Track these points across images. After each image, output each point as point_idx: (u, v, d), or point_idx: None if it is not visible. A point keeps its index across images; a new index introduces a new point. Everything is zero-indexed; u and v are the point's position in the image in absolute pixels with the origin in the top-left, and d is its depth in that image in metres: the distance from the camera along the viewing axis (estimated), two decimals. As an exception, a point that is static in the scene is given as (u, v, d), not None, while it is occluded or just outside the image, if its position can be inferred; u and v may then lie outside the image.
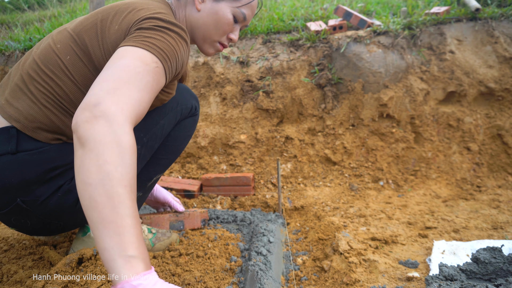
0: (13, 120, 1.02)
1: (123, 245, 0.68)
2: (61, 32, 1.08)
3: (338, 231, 1.49)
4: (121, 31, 1.01)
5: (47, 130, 1.04)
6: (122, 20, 1.02)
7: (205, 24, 1.17)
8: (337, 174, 2.29)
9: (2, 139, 1.02)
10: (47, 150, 1.05)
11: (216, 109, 2.44)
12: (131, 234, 0.70)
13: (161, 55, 0.94)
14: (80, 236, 1.27)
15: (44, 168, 1.04)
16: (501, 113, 2.36)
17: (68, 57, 1.03)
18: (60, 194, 1.07)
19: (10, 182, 1.01)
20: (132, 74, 0.86)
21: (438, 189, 2.20)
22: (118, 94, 0.82)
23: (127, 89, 0.85)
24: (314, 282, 1.27)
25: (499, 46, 2.38)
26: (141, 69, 0.89)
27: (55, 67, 1.03)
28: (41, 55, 1.06)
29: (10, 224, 1.13)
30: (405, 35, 2.44)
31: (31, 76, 1.04)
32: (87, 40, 1.03)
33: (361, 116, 2.36)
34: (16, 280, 1.17)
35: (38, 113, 1.03)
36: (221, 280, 1.21)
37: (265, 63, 2.48)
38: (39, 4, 5.72)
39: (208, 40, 1.20)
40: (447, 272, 1.11)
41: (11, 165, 1.01)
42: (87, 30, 1.04)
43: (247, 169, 2.30)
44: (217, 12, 1.15)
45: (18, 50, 3.09)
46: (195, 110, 1.38)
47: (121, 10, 1.05)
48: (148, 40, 0.93)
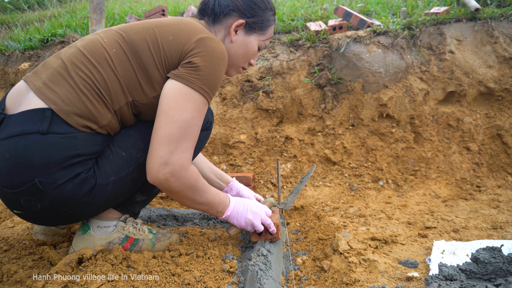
0: (50, 102, 1.08)
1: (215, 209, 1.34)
2: (107, 30, 1.22)
3: (338, 231, 1.49)
4: (176, 44, 1.17)
5: (80, 115, 1.11)
6: (177, 33, 1.18)
7: (236, 54, 1.34)
8: (337, 174, 2.30)
9: (36, 119, 1.07)
10: (75, 137, 1.10)
11: (216, 109, 2.44)
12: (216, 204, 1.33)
13: (209, 95, 1.18)
14: (81, 234, 1.28)
15: (68, 153, 1.08)
16: (500, 113, 2.36)
17: (114, 50, 1.16)
18: (77, 181, 1.11)
19: (32, 160, 1.05)
20: (189, 129, 1.15)
21: (437, 189, 2.20)
22: (180, 150, 1.14)
23: (186, 142, 1.15)
24: (314, 282, 1.27)
25: (498, 46, 2.39)
26: (197, 120, 1.16)
27: (100, 57, 1.14)
28: (87, 46, 1.17)
29: (17, 206, 1.12)
30: (404, 35, 2.44)
31: (74, 64, 1.13)
32: (138, 41, 1.17)
33: (361, 116, 2.36)
34: (16, 280, 1.17)
35: (76, 97, 1.10)
36: (221, 280, 1.21)
37: (265, 63, 2.48)
38: (39, 4, 5.72)
39: (235, 66, 1.38)
40: (446, 272, 1.11)
41: (39, 144, 1.05)
42: (138, 33, 1.18)
43: (247, 169, 2.30)
44: (247, 44, 1.34)
45: (18, 50, 3.09)
46: (209, 125, 1.44)
47: (175, 23, 1.21)
48: (203, 80, 1.15)
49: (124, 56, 1.16)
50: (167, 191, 1.19)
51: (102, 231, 1.28)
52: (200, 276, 1.20)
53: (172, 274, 1.21)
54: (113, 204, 1.26)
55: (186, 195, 1.21)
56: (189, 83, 1.13)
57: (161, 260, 1.29)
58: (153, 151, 1.13)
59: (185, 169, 1.16)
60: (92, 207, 1.19)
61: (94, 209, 1.21)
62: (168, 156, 1.12)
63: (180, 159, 1.13)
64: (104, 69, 1.13)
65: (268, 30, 1.37)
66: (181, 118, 1.12)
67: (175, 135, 1.12)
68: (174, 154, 1.12)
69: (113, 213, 1.31)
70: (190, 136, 1.15)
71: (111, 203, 1.25)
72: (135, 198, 1.34)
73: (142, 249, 1.35)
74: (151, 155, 1.14)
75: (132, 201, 1.34)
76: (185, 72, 1.14)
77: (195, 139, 1.19)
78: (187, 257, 1.34)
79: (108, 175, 1.16)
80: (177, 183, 1.15)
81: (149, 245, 1.36)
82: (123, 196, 1.26)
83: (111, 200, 1.23)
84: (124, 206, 1.33)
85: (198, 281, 1.18)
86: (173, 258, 1.33)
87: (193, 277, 1.19)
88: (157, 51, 1.16)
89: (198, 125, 1.18)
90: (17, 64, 3.02)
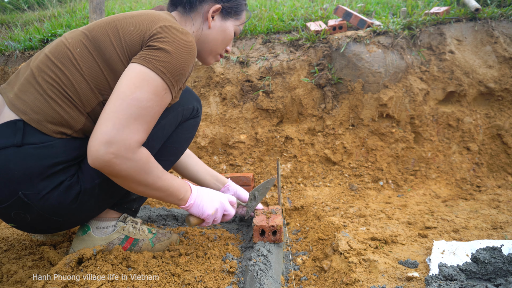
0: (20, 112, 1.06)
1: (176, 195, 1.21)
2: (73, 31, 1.18)
3: (338, 231, 1.49)
4: (137, 33, 1.11)
5: (52, 122, 1.07)
6: (139, 23, 1.12)
7: (215, 39, 1.32)
8: (337, 174, 2.30)
9: (9, 132, 1.05)
10: (51, 145, 1.07)
11: (216, 109, 2.44)
12: (174, 190, 1.19)
13: (171, 81, 1.08)
14: (80, 235, 1.27)
15: (47, 162, 1.06)
16: (500, 113, 2.36)
17: (78, 49, 1.11)
18: (61, 189, 1.09)
19: (13, 174, 1.03)
20: (142, 110, 1.02)
21: (437, 189, 2.20)
22: (129, 130, 1.00)
23: (137, 124, 1.02)
24: (314, 282, 1.27)
25: (498, 46, 2.39)
26: (152, 103, 1.04)
27: (64, 58, 1.10)
28: (52, 50, 1.13)
29: (9, 220, 1.13)
30: (404, 35, 2.44)
31: (40, 69, 1.10)
32: (100, 36, 1.11)
33: (361, 116, 2.36)
34: (16, 280, 1.17)
35: (44, 104, 1.07)
36: (221, 280, 1.21)
37: (265, 63, 2.48)
38: (39, 4, 5.72)
39: (214, 52, 1.35)
40: (446, 272, 1.11)
41: (16, 158, 1.03)
42: (100, 28, 1.13)
43: (247, 169, 2.30)
44: (225, 29, 1.32)
45: (18, 50, 3.09)
46: (196, 112, 1.41)
47: (137, 15, 1.16)
48: (162, 63, 1.06)
49: (88, 55, 1.10)
50: (113, 176, 1.04)
51: (102, 232, 1.28)
52: (200, 276, 1.20)
53: (172, 274, 1.21)
54: (105, 206, 1.25)
55: (137, 179, 1.06)
56: (145, 63, 1.04)
57: (161, 260, 1.29)
58: (97, 128, 0.99)
59: (132, 151, 1.01)
60: (83, 212, 1.18)
61: (86, 213, 1.21)
62: (112, 134, 0.97)
63: (126, 139, 0.99)
64: (70, 71, 1.08)
65: (242, 15, 1.37)
66: (132, 95, 1.01)
67: (124, 112, 0.99)
68: (120, 132, 0.98)
69: (111, 213, 1.30)
70: (143, 118, 1.02)
71: (104, 205, 1.24)
72: (130, 196, 1.33)
73: (142, 249, 1.35)
74: (93, 133, 0.99)
75: (128, 199, 1.33)
76: (144, 53, 1.07)
77: (149, 124, 1.06)
78: (187, 257, 1.34)
79: (93, 178, 1.13)
80: (123, 165, 1.00)
81: (149, 245, 1.36)
82: (113, 196, 1.24)
83: (102, 203, 1.21)
84: (121, 205, 1.32)
85: (198, 281, 1.18)
86: (173, 258, 1.33)
87: (193, 277, 1.19)
88: (119, 43, 1.10)
89: (156, 111, 1.05)
90: (17, 64, 3.02)
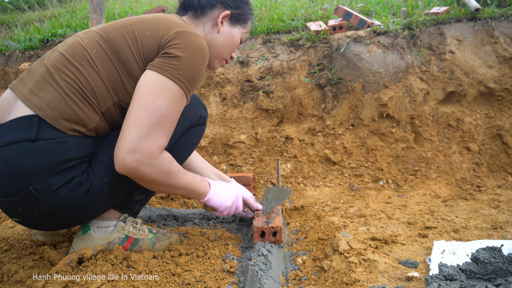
0: (36, 108, 1.08)
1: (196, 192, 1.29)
2: (87, 32, 1.20)
3: (338, 231, 1.49)
4: (154, 38, 1.15)
5: (67, 119, 1.10)
6: (155, 28, 1.16)
7: (222, 44, 1.36)
8: (337, 174, 2.30)
9: (23, 127, 1.07)
10: (65, 141, 1.09)
11: (216, 109, 2.44)
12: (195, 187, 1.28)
13: (187, 87, 1.14)
14: (81, 235, 1.28)
15: (59, 158, 1.08)
16: (501, 113, 2.36)
17: (95, 50, 1.14)
18: (72, 186, 1.11)
19: (25, 168, 1.05)
20: (162, 118, 1.10)
21: (438, 189, 2.20)
22: (151, 138, 1.08)
23: (159, 131, 1.09)
24: (314, 282, 1.27)
25: (499, 46, 2.39)
26: (171, 110, 1.11)
27: (82, 58, 1.13)
28: (68, 49, 1.15)
29: (15, 215, 1.13)
30: (405, 35, 2.44)
31: (57, 68, 1.12)
32: (117, 38, 1.15)
33: (361, 116, 2.36)
34: (16, 280, 1.17)
35: (61, 102, 1.09)
36: (221, 280, 1.21)
37: (265, 63, 2.48)
38: (39, 4, 5.72)
39: (220, 57, 1.39)
40: (447, 272, 1.11)
41: (29, 152, 1.05)
42: (117, 30, 1.17)
43: (247, 169, 2.30)
44: (232, 35, 1.36)
45: (18, 50, 3.09)
46: (203, 120, 1.44)
47: (152, 19, 1.20)
48: (179, 71, 1.11)
49: (105, 56, 1.14)
50: (139, 180, 1.13)
51: (102, 231, 1.28)
52: (200, 276, 1.20)
53: (172, 274, 1.21)
54: (111, 205, 1.27)
55: (162, 181, 1.15)
56: (163, 72, 1.10)
57: (161, 260, 1.29)
58: (121, 138, 1.07)
59: (155, 156, 1.09)
60: (89, 210, 1.19)
61: (92, 211, 1.22)
62: (136, 142, 1.06)
63: (150, 146, 1.07)
64: (87, 71, 1.12)
65: (249, 23, 1.42)
66: (153, 105, 1.08)
67: (145, 122, 1.07)
68: (143, 141, 1.07)
69: (112, 213, 1.31)
70: (163, 125, 1.10)
71: (109, 204, 1.25)
72: (134, 197, 1.35)
73: (142, 249, 1.35)
74: (118, 142, 1.08)
75: (131, 200, 1.35)
76: (161, 61, 1.12)
77: (170, 130, 1.13)
78: (187, 257, 1.34)
79: (102, 176, 1.16)
80: (148, 170, 1.09)
81: (149, 244, 1.36)
82: (120, 196, 1.26)
83: (108, 201, 1.23)
84: (123, 206, 1.33)
85: (198, 281, 1.18)
86: (173, 258, 1.33)
87: (193, 277, 1.19)
88: (136, 47, 1.14)
89: (174, 116, 1.13)
90: (17, 64, 3.02)
